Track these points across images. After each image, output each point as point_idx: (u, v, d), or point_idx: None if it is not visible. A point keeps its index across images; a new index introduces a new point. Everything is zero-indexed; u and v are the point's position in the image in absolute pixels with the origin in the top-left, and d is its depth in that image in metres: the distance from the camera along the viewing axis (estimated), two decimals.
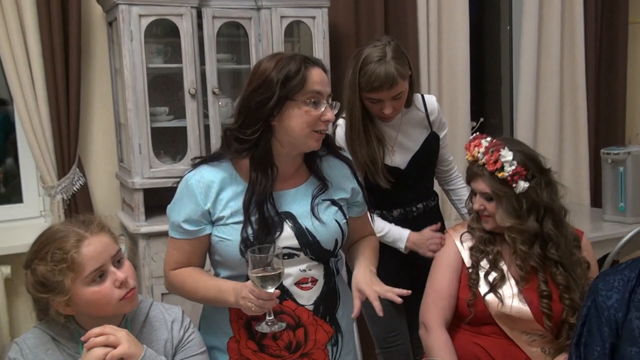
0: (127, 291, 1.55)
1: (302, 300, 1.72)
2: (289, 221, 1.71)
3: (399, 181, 2.37)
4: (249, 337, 1.74)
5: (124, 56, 2.78)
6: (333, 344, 1.79)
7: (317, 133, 1.67)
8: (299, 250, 1.71)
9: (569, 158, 4.07)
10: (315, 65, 1.68)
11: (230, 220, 1.69)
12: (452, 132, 3.67)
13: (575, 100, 4.02)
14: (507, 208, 1.96)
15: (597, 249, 3.34)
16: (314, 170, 1.79)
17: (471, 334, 2.01)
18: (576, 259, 1.99)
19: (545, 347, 1.96)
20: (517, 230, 1.97)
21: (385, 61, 2.16)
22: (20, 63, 2.83)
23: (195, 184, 1.69)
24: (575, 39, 3.96)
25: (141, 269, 2.80)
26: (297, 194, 1.75)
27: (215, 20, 2.91)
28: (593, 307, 1.58)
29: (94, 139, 3.19)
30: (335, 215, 1.76)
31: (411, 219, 2.46)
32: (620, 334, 1.53)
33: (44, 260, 1.48)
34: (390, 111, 2.23)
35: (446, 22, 3.62)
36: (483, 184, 2.00)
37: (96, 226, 1.55)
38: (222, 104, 2.99)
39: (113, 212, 3.21)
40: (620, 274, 1.57)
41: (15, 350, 1.55)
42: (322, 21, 3.07)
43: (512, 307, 1.95)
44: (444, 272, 2.08)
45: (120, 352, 1.47)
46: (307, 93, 1.63)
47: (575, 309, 1.92)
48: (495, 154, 1.95)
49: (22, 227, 3.14)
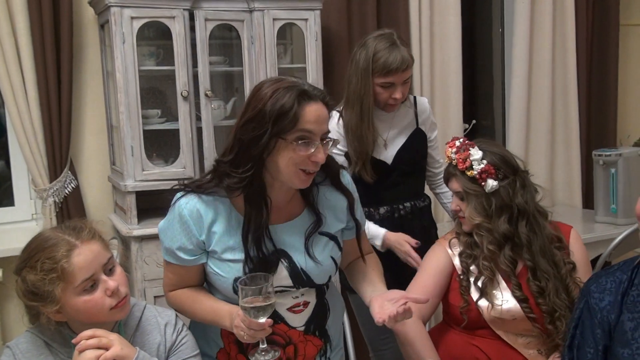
0: (119, 300, 1.54)
1: (294, 323, 1.71)
2: (284, 260, 1.66)
3: (386, 176, 2.40)
4: (239, 351, 1.73)
5: (116, 58, 2.77)
6: (322, 354, 1.79)
7: (304, 172, 1.59)
8: (292, 288, 1.69)
9: (561, 159, 4.08)
10: (313, 100, 1.56)
11: (225, 256, 1.65)
12: (444, 134, 3.67)
13: (566, 102, 4.04)
14: (475, 206, 1.99)
15: (589, 250, 3.33)
16: (308, 201, 1.73)
17: (468, 336, 2.02)
18: (558, 260, 1.98)
19: (541, 348, 1.97)
20: (486, 229, 1.98)
21: (397, 46, 2.31)
22: (12, 65, 2.82)
23: (188, 214, 1.64)
24: (567, 41, 3.97)
25: (134, 272, 2.79)
26: (293, 227, 1.70)
27: (208, 22, 2.90)
28: (586, 309, 1.58)
29: (86, 141, 3.18)
30: (330, 251, 1.73)
31: (398, 217, 2.47)
32: (612, 335, 1.53)
33: (34, 269, 1.47)
34: (400, 96, 2.33)
35: (438, 25, 3.63)
36: (456, 184, 2.03)
37: (87, 233, 1.53)
38: (215, 106, 2.99)
39: (105, 215, 3.20)
40: (612, 276, 1.58)
41: (7, 354, 1.55)
42: (314, 23, 3.07)
43: (502, 309, 1.95)
44: (431, 273, 2.08)
45: (113, 354, 1.47)
46: (297, 131, 1.54)
47: (554, 312, 1.92)
48: (465, 152, 1.99)
49: (13, 230, 3.13)
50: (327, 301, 1.80)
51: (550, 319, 1.92)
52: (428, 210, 2.60)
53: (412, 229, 2.48)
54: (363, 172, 2.36)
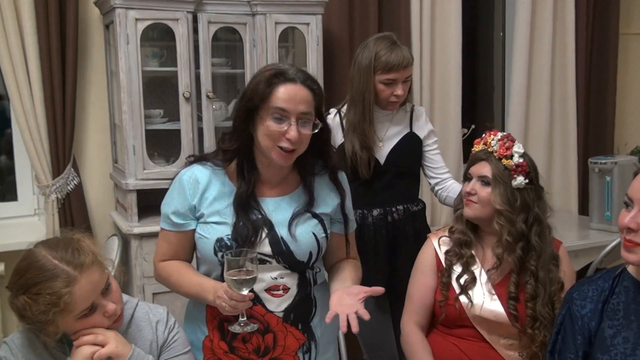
0: (115, 319, 1.58)
1: (271, 307, 1.76)
2: (266, 228, 1.74)
3: (379, 177, 2.47)
4: (221, 338, 1.79)
5: (120, 59, 2.83)
6: (305, 351, 1.82)
7: (280, 149, 1.67)
8: (271, 258, 1.74)
9: (558, 166, 4.12)
10: (289, 81, 1.66)
11: (210, 219, 1.74)
12: (443, 138, 3.71)
13: (565, 109, 4.07)
14: (502, 193, 2.01)
15: (583, 256, 3.40)
16: (305, 183, 1.81)
17: (452, 337, 2.06)
18: (553, 276, 2.02)
19: (523, 352, 2.00)
20: (507, 219, 2.00)
21: (398, 45, 2.44)
22: (18, 64, 2.87)
23: (186, 180, 1.76)
24: (567, 48, 4.01)
25: (133, 268, 2.84)
26: (282, 202, 1.79)
27: (211, 25, 2.95)
28: (567, 316, 1.63)
29: (89, 139, 3.23)
30: (313, 228, 1.78)
31: (391, 221, 2.52)
32: (592, 342, 1.58)
33: (35, 302, 1.47)
34: (401, 92, 2.44)
35: (439, 29, 3.67)
36: (486, 167, 2.04)
37: (85, 260, 1.51)
38: (216, 107, 3.04)
39: (106, 212, 3.25)
40: (595, 284, 1.62)
41: (5, 349, 1.59)
42: (316, 28, 3.12)
43: (482, 308, 1.99)
44: (418, 277, 2.15)
45: (108, 351, 1.52)
46: (270, 108, 1.65)
47: (536, 319, 1.95)
48: (510, 143, 2.04)
49: (16, 225, 3.18)
50: (315, 297, 1.83)
51: (531, 324, 1.96)
52: (422, 214, 2.64)
53: (405, 232, 2.53)
54: (361, 166, 2.41)
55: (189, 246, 1.82)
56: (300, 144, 1.69)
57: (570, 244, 3.27)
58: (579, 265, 3.42)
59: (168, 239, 1.82)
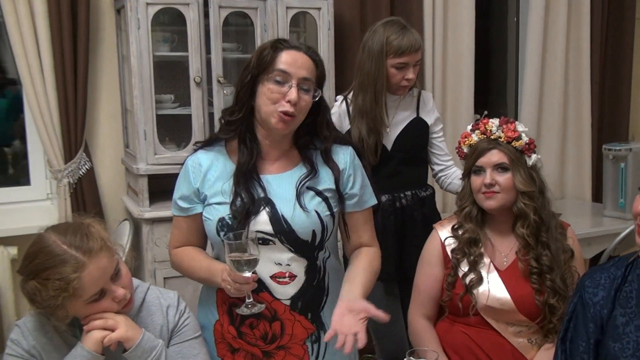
0: (125, 303, 1.58)
1: (277, 295, 1.74)
2: (267, 207, 1.72)
3: (386, 163, 2.46)
4: (230, 322, 1.79)
5: (131, 43, 2.82)
6: (313, 341, 1.80)
7: (281, 113, 1.68)
8: (273, 237, 1.72)
9: (572, 153, 4.09)
10: (292, 48, 1.70)
11: (212, 200, 1.75)
12: (455, 124, 3.70)
13: (579, 95, 4.04)
14: (524, 175, 2.00)
15: (596, 244, 3.38)
16: (305, 156, 1.80)
17: (460, 325, 2.05)
18: (560, 245, 2.02)
19: (532, 337, 2.00)
20: (531, 198, 2.00)
21: (408, 29, 2.45)
22: (30, 49, 2.88)
23: (190, 164, 1.79)
24: (581, 34, 3.97)
25: (144, 253, 2.86)
26: (285, 178, 1.77)
27: (222, 9, 2.94)
28: (579, 304, 1.62)
29: (101, 124, 3.24)
30: (317, 206, 1.75)
31: (400, 207, 2.52)
32: (605, 330, 1.56)
33: (44, 287, 1.47)
34: (412, 76, 2.45)
35: (452, 14, 3.64)
36: (499, 155, 2.01)
37: (94, 245, 1.51)
38: (227, 92, 3.03)
39: (118, 196, 3.26)
40: (607, 272, 1.61)
41: (17, 332, 1.60)
42: (327, 12, 3.10)
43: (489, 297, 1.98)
44: (424, 268, 2.13)
45: (118, 335, 1.53)
46: (273, 71, 1.68)
47: (556, 291, 1.95)
48: (512, 124, 2.02)
49: (29, 209, 3.20)
50: (327, 285, 1.80)
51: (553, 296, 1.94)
52: (431, 200, 2.63)
53: (414, 218, 2.52)
54: (368, 152, 2.41)
55: (199, 231, 1.82)
56: (300, 111, 1.70)
57: (584, 232, 3.26)
58: (592, 252, 3.40)
59: (178, 224, 1.84)
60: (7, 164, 3.48)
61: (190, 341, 1.70)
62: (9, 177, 3.43)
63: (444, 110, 3.66)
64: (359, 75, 2.49)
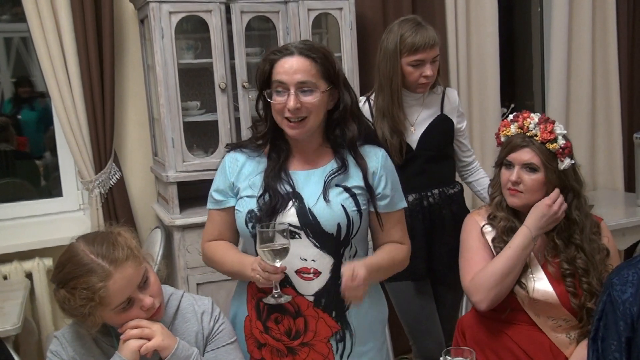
0: (154, 312, 1.59)
1: (301, 290, 1.76)
2: (296, 201, 1.76)
3: (412, 162, 2.45)
4: (257, 317, 1.83)
5: (155, 52, 2.85)
6: (338, 340, 1.81)
7: (287, 121, 1.73)
8: (299, 230, 1.74)
9: (602, 142, 4.03)
10: (284, 55, 1.72)
11: (244, 193, 1.80)
12: (482, 118, 3.66)
13: (607, 84, 3.97)
14: (553, 178, 1.97)
15: (630, 234, 3.32)
16: (337, 155, 1.81)
17: (499, 323, 2.02)
18: (596, 246, 1.99)
19: (570, 333, 1.97)
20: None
21: (423, 25, 2.42)
22: (57, 62, 2.92)
23: (228, 160, 1.86)
24: (607, 21, 3.90)
25: (176, 260, 2.88)
26: (312, 175, 1.80)
27: (244, 14, 2.95)
28: (608, 302, 1.57)
29: (129, 133, 3.28)
30: (343, 201, 1.77)
31: (427, 206, 2.49)
32: (635, 327, 1.52)
33: (72, 295, 1.50)
34: (430, 72, 2.41)
35: (474, 9, 3.60)
36: (530, 154, 1.98)
37: (120, 254, 1.53)
38: (252, 97, 3.04)
39: (149, 204, 3.30)
40: (635, 268, 1.56)
41: (55, 343, 1.63)
42: (349, 12, 3.09)
43: (534, 290, 1.95)
44: (470, 255, 2.06)
45: (154, 344, 1.54)
46: (272, 84, 1.74)
47: (593, 293, 1.92)
48: (550, 125, 1.97)
49: (62, 221, 3.26)
50: None
51: (590, 299, 1.92)
52: (459, 197, 2.60)
53: (442, 216, 2.49)
54: (392, 152, 2.39)
55: (231, 226, 1.86)
56: (309, 112, 1.72)
57: (617, 222, 3.20)
58: (626, 243, 3.34)
59: (212, 218, 1.89)
60: (39, 176, 3.54)
61: (226, 347, 1.71)
62: (42, 189, 3.49)
63: (471, 106, 3.63)
64: (377, 76, 2.49)
